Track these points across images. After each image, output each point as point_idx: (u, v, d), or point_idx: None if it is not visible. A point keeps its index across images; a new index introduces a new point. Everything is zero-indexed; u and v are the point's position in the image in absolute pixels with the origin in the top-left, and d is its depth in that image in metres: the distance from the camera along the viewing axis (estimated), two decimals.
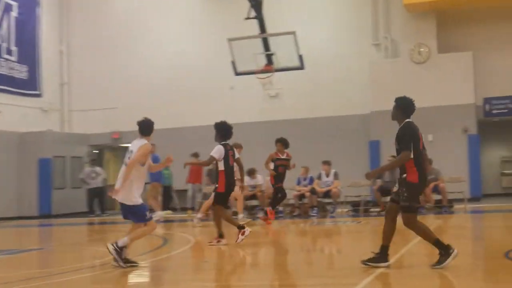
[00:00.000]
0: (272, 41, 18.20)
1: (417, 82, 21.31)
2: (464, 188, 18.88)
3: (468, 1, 20.82)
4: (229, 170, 11.14)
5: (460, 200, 17.72)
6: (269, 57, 18.34)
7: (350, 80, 22.44)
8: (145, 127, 8.88)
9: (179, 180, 21.60)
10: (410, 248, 9.94)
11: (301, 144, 22.17)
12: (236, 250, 10.49)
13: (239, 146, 14.16)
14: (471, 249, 10.06)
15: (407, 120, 7.88)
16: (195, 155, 20.33)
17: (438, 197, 17.50)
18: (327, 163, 18.41)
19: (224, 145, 11.33)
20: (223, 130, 11.66)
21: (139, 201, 8.44)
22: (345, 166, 20.07)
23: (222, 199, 11.12)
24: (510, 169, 23.74)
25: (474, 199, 20.13)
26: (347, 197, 18.84)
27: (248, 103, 23.30)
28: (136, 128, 8.94)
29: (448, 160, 19.76)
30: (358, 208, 18.03)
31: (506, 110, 21.38)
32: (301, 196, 18.29)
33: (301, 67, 18.36)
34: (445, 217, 15.91)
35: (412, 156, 7.52)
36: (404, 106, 7.94)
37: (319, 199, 18.19)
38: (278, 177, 15.64)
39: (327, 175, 18.29)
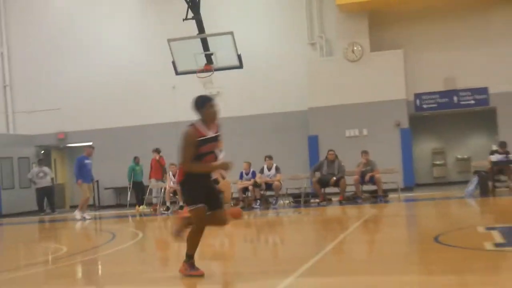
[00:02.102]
0: (211, 41, 18.19)
1: (352, 79, 21.65)
2: (398, 179, 19.28)
3: (398, 2, 21.21)
4: None
5: (394, 190, 18.12)
6: (208, 57, 18.31)
7: (288, 78, 22.59)
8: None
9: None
10: (348, 233, 10.14)
11: (244, 140, 22.41)
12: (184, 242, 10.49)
13: None
14: (406, 235, 10.32)
15: None
16: (157, 150, 20.53)
17: (373, 187, 17.87)
18: (269, 157, 18.60)
19: None
20: None
21: None
22: (286, 160, 20.30)
23: None
24: (440, 160, 24.33)
25: (407, 188, 20.55)
26: (288, 190, 19.02)
27: (190, 102, 23.21)
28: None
29: (383, 153, 20.10)
30: (299, 200, 18.24)
31: (435, 105, 21.88)
32: (245, 190, 18.39)
33: (240, 66, 18.41)
34: (381, 206, 16.22)
35: None
36: None
37: (261, 192, 18.33)
38: None
39: (269, 169, 18.46)
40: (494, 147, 18.49)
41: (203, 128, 6.60)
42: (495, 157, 17.57)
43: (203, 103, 6.77)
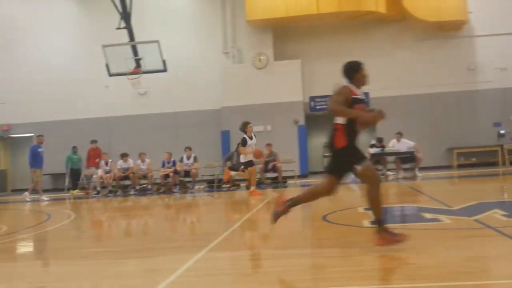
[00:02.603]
0: (140, 48, 17.96)
1: (259, 83, 21.82)
2: (295, 167, 19.60)
3: (297, 19, 21.47)
4: None
5: (292, 177, 18.38)
6: (137, 61, 18.06)
7: (205, 81, 22.55)
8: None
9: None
10: (253, 214, 10.20)
11: (166, 134, 22.19)
12: (114, 222, 10.29)
13: None
14: (300, 214, 10.46)
15: None
16: (94, 141, 20.42)
17: (275, 174, 18.05)
18: (188, 148, 18.48)
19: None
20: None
21: None
22: (202, 151, 20.24)
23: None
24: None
25: (303, 175, 20.92)
26: (203, 176, 18.95)
27: (121, 100, 22.80)
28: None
29: (283, 145, 20.38)
30: (212, 185, 18.20)
31: (326, 106, 22.28)
32: (166, 176, 18.19)
33: (164, 70, 18.23)
34: (281, 190, 16.38)
35: None
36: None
37: (181, 178, 18.18)
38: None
39: (188, 158, 18.33)
40: (373, 142, 19.06)
41: (355, 89, 5.99)
42: (373, 150, 18.12)
43: (358, 67, 6.12)
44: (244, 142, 14.08)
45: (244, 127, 14.13)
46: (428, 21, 21.26)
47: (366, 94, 21.72)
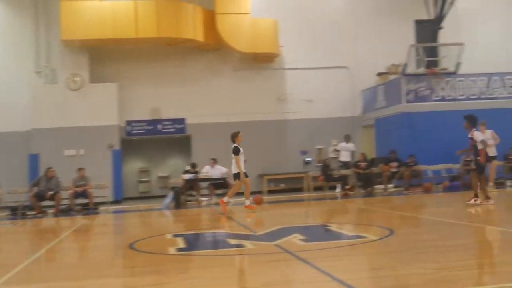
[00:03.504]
0: None
1: (73, 106, 21.16)
2: (108, 193, 19.18)
3: (116, 42, 21.25)
4: None
5: (105, 203, 17.96)
6: None
7: (14, 101, 21.29)
8: None
9: None
10: (58, 242, 9.77)
11: None
12: None
13: None
14: (109, 242, 10.27)
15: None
16: None
17: (86, 200, 17.48)
18: None
19: None
20: None
21: None
22: (6, 176, 19.00)
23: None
24: (145, 177, 24.65)
25: (116, 201, 20.53)
26: (7, 203, 17.72)
27: None
28: None
29: (97, 170, 19.85)
30: (16, 212, 17.07)
31: (143, 131, 22.28)
32: None
33: None
34: (92, 217, 15.90)
35: None
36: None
37: None
38: None
39: None
40: (188, 167, 19.37)
41: None
42: (187, 176, 18.41)
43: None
44: (237, 151, 13.57)
45: (235, 136, 13.60)
46: (244, 52, 22.30)
47: (183, 120, 22.18)
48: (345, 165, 20.85)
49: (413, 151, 19.28)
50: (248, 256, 7.19)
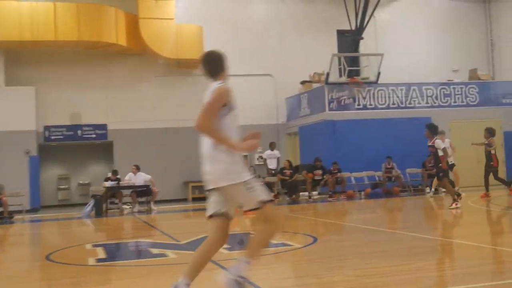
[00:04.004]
0: None
1: None
2: (24, 201, 18.42)
3: (33, 44, 20.50)
4: None
5: (20, 212, 17.22)
6: None
7: None
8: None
9: None
10: None
11: None
12: None
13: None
14: (25, 253, 9.82)
15: None
16: None
17: (0, 209, 16.68)
18: None
19: None
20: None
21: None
22: None
23: None
24: (65, 185, 23.92)
25: (33, 210, 19.77)
26: None
27: None
28: None
29: (12, 178, 19.09)
30: None
31: (62, 136, 21.60)
32: None
33: None
34: (6, 226, 15.18)
35: None
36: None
37: None
38: None
39: None
40: (109, 174, 18.91)
41: None
42: (108, 183, 17.96)
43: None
44: None
45: None
46: (168, 58, 22.06)
47: (105, 125, 21.66)
48: (271, 172, 20.97)
49: (336, 158, 19.64)
50: (170, 266, 7.05)
